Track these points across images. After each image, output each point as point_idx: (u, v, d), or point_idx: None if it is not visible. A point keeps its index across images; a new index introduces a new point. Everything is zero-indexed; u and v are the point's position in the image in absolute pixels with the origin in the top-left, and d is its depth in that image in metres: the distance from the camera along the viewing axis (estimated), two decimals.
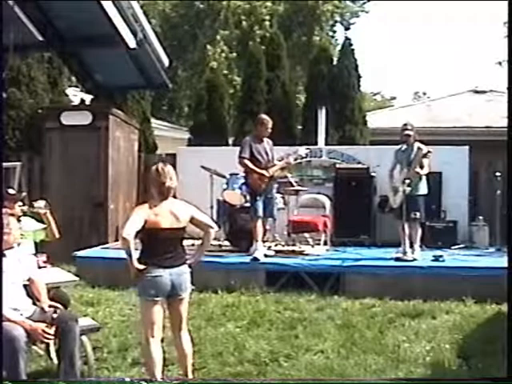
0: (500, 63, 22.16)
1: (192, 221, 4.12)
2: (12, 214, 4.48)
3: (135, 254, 3.91)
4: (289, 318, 5.89)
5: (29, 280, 4.23)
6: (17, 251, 4.30)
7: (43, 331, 3.85)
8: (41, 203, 5.31)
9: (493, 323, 5.63)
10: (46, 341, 3.93)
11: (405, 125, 7.54)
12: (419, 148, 7.25)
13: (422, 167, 7.23)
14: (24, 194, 5.73)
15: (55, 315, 3.97)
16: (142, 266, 3.90)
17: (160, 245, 3.97)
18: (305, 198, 8.76)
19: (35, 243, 5.31)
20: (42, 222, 5.42)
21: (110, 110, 9.40)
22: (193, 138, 12.16)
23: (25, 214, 5.35)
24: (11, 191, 5.25)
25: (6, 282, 3.88)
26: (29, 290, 4.22)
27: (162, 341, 4.13)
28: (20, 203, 5.27)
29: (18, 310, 3.98)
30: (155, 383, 3.86)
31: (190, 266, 4.12)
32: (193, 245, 4.28)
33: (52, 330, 3.89)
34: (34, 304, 4.18)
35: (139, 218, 3.91)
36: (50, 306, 4.10)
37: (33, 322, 3.91)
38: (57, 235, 5.39)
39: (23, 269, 4.21)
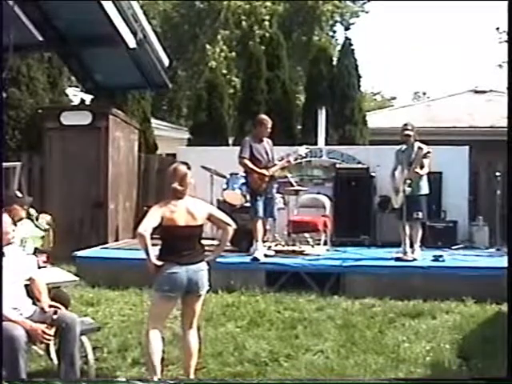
0: (500, 65, 22.17)
1: (210, 218, 4.19)
2: (7, 210, 4.42)
3: (152, 251, 3.96)
4: (289, 318, 5.89)
5: (29, 279, 4.22)
6: (17, 250, 4.29)
7: (43, 332, 3.85)
8: (45, 219, 5.29)
9: (493, 323, 5.63)
10: (46, 342, 3.93)
11: (405, 125, 7.54)
12: (419, 148, 7.25)
13: (422, 167, 7.23)
14: (31, 198, 5.72)
15: (55, 316, 3.96)
16: (159, 262, 3.96)
17: (177, 242, 4.04)
18: (305, 198, 8.76)
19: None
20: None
21: (110, 110, 9.41)
22: (193, 138, 12.17)
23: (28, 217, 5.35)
24: (19, 194, 5.22)
25: (7, 282, 3.88)
26: (29, 289, 4.21)
27: (162, 340, 4.13)
28: (25, 207, 5.28)
29: (18, 310, 3.98)
30: (153, 383, 3.86)
31: (207, 263, 4.18)
32: None
33: (52, 331, 3.88)
34: (34, 304, 4.17)
35: (156, 215, 3.98)
36: (51, 306, 4.09)
37: (33, 322, 3.91)
38: (51, 245, 5.43)
39: (24, 268, 4.20)
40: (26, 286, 4.21)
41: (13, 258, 4.13)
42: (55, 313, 3.98)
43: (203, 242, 4.30)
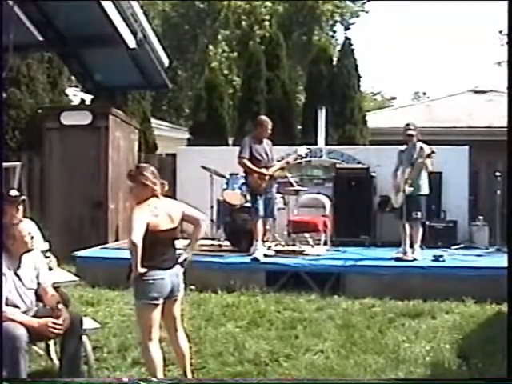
0: (499, 63, 22.19)
1: (183, 217, 4.09)
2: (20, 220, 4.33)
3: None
4: (289, 318, 5.89)
5: (41, 286, 4.16)
6: (36, 257, 4.22)
7: (53, 323, 3.83)
8: (54, 263, 5.17)
9: (493, 323, 5.63)
10: (58, 332, 3.88)
11: (407, 125, 7.54)
12: (422, 148, 7.25)
13: (425, 167, 7.23)
14: (24, 197, 5.62)
15: (60, 305, 3.94)
16: (144, 270, 3.85)
17: (158, 246, 3.94)
18: (305, 198, 8.76)
19: None
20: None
21: (110, 110, 9.40)
22: (193, 138, 12.17)
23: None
24: (14, 193, 5.05)
25: (23, 287, 3.95)
26: (39, 295, 4.17)
27: (162, 341, 4.13)
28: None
29: (26, 312, 3.97)
30: (153, 383, 3.85)
31: (182, 265, 4.09)
32: None
33: (60, 320, 3.87)
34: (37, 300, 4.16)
35: (143, 222, 3.86)
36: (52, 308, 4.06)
37: (38, 318, 3.90)
38: None
39: (40, 276, 4.15)
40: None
41: (31, 265, 4.10)
42: (58, 303, 3.96)
43: (203, 242, 4.27)
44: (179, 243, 4.21)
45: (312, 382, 4.38)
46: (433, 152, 7.14)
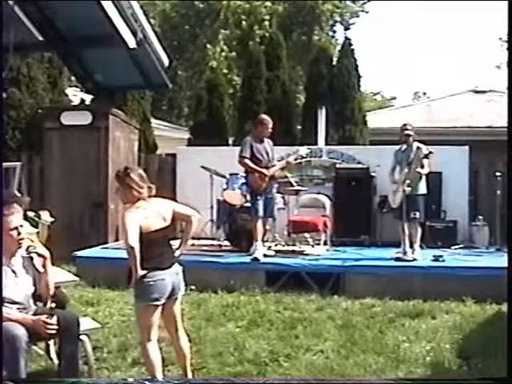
0: (498, 67, 22.16)
1: (174, 215, 4.07)
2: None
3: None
4: (289, 318, 5.89)
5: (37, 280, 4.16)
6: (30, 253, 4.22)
7: (45, 322, 3.83)
8: (47, 216, 5.24)
9: (493, 323, 5.63)
10: (50, 332, 3.87)
11: (404, 125, 7.57)
12: (418, 148, 7.27)
13: (422, 167, 7.24)
14: (28, 199, 5.66)
15: (53, 305, 3.93)
16: (143, 272, 3.86)
17: (154, 247, 3.93)
18: (305, 198, 8.76)
19: None
20: (35, 226, 5.39)
21: (110, 110, 9.40)
22: (193, 138, 12.18)
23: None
24: (17, 194, 5.12)
25: (21, 286, 3.93)
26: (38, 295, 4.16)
27: (162, 341, 4.13)
28: (23, 207, 5.23)
29: (22, 310, 3.97)
30: (156, 383, 3.85)
31: (180, 263, 4.09)
32: (193, 245, 4.25)
33: (54, 320, 3.86)
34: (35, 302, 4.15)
35: (136, 225, 3.85)
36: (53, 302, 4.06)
37: (33, 316, 3.90)
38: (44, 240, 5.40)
39: (35, 270, 4.15)
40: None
41: (27, 261, 4.08)
42: (53, 302, 3.95)
43: (203, 242, 4.28)
44: (178, 243, 4.21)
45: (318, 382, 4.38)
46: (430, 152, 7.15)
